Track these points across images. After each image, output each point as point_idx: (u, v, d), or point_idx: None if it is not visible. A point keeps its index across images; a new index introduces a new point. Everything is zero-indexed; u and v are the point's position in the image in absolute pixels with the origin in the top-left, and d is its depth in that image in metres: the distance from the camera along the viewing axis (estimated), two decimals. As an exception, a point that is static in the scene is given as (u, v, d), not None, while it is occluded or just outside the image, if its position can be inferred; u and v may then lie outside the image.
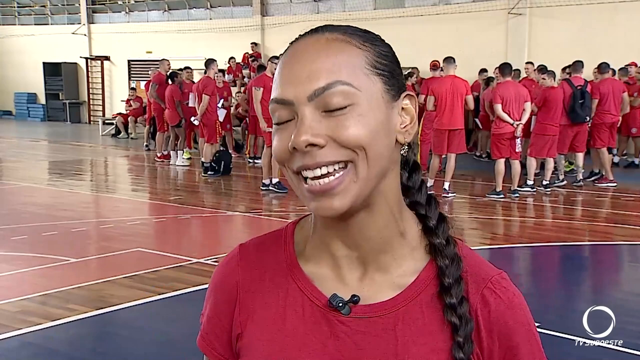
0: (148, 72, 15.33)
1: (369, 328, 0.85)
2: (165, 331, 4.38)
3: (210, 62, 11.10)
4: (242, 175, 11.53)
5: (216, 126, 11.11)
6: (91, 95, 23.18)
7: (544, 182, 9.51)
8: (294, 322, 0.88)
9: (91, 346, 4.21)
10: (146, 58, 20.84)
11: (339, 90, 0.78)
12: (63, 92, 23.23)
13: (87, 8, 22.99)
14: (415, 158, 0.92)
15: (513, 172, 9.05)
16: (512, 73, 9.72)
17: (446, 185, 9.15)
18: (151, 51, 20.72)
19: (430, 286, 0.87)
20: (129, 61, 22.41)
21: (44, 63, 23.06)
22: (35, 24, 24.31)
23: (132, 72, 22.48)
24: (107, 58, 22.85)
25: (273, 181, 9.38)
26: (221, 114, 11.95)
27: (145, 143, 15.12)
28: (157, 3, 21.83)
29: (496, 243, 6.93)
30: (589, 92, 9.65)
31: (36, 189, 10.04)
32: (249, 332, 0.91)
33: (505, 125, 8.80)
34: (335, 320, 0.86)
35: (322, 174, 0.79)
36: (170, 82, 12.29)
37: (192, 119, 11.27)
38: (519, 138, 8.90)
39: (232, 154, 12.31)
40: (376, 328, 0.85)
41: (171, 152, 12.78)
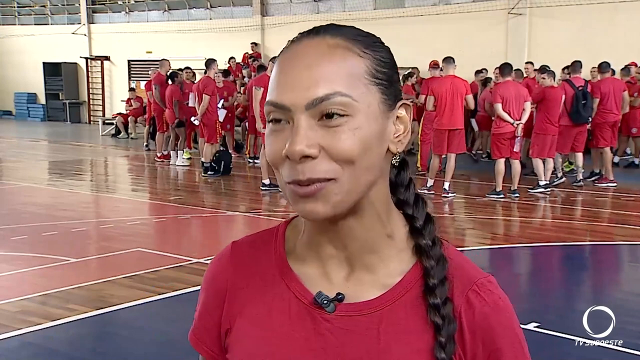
0: (148, 72, 15.33)
1: (353, 326, 0.86)
2: (165, 331, 4.38)
3: (210, 63, 11.11)
4: (242, 175, 11.53)
5: (216, 126, 11.12)
6: (91, 95, 23.18)
7: (542, 183, 9.49)
8: (280, 319, 0.89)
9: (91, 346, 4.21)
10: (146, 58, 20.84)
11: (338, 101, 0.78)
12: (63, 92, 23.23)
13: (87, 8, 22.99)
14: (404, 156, 0.92)
15: (513, 172, 9.04)
16: (512, 73, 9.72)
17: (446, 185, 9.15)
18: (151, 51, 20.72)
19: (415, 287, 0.87)
20: (129, 61, 22.41)
21: (44, 63, 23.06)
22: (35, 24, 24.31)
23: (132, 72, 22.48)
24: (107, 58, 22.85)
25: (273, 181, 9.39)
26: (221, 114, 11.95)
27: (145, 143, 15.12)
28: (157, 3, 21.83)
29: (496, 243, 6.93)
30: (590, 93, 9.66)
31: (36, 189, 10.05)
32: (237, 328, 0.92)
33: (505, 124, 8.80)
34: (319, 317, 0.87)
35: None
36: (170, 83, 12.29)
37: (192, 119, 11.27)
38: (519, 138, 8.91)
39: (232, 154, 12.31)
40: (359, 326, 0.86)
41: (171, 152, 12.78)
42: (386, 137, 0.84)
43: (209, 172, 10.96)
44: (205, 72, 11.26)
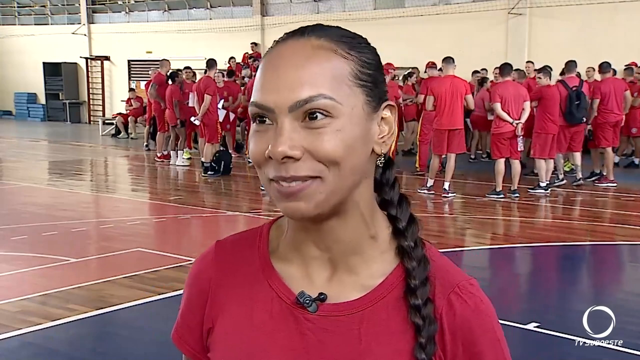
0: (148, 72, 15.34)
1: (334, 326, 0.86)
2: (165, 331, 4.34)
3: (213, 64, 11.14)
4: (242, 175, 11.52)
5: (217, 126, 11.12)
6: (91, 95, 23.18)
7: (542, 184, 9.49)
8: (262, 318, 0.89)
9: (91, 346, 4.21)
10: (146, 58, 20.85)
11: (322, 103, 0.78)
12: (63, 92, 23.23)
13: (87, 8, 23.00)
14: (390, 156, 0.92)
15: (513, 172, 9.04)
16: (512, 73, 9.72)
17: (446, 185, 9.15)
18: (151, 51, 20.73)
19: (397, 288, 0.87)
20: (129, 61, 22.42)
21: (44, 63, 23.06)
22: (35, 24, 24.32)
23: (132, 72, 22.49)
24: (107, 58, 22.86)
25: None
26: (221, 114, 11.95)
27: (145, 143, 15.12)
28: (157, 3, 21.84)
29: (496, 243, 6.93)
30: (584, 93, 9.63)
31: (36, 189, 10.05)
32: (219, 327, 0.93)
33: (504, 124, 8.80)
34: (302, 317, 0.87)
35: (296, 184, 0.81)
36: (170, 82, 12.29)
37: (192, 119, 11.27)
38: (521, 137, 8.90)
39: (232, 154, 12.31)
40: (341, 327, 0.86)
41: (171, 152, 12.78)
42: (371, 138, 0.84)
43: (209, 172, 10.96)
44: (205, 72, 11.26)
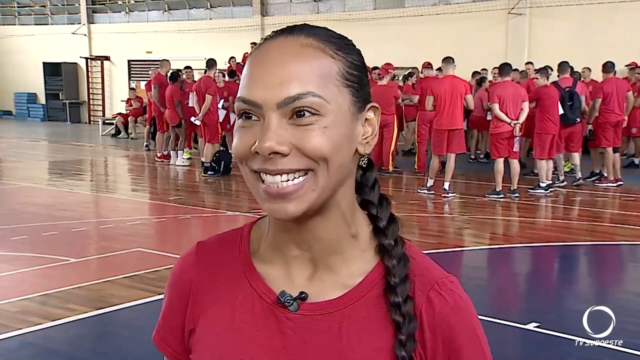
0: (148, 72, 15.33)
1: (315, 325, 0.87)
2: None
3: (212, 63, 11.14)
4: (242, 175, 11.51)
5: (217, 126, 11.11)
6: (91, 95, 23.18)
7: (543, 184, 9.49)
8: (244, 318, 0.90)
9: (91, 346, 4.21)
10: (146, 58, 20.85)
11: (309, 101, 0.79)
12: (63, 92, 23.24)
13: (87, 8, 23.00)
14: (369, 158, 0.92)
15: (512, 172, 9.05)
16: (512, 73, 9.72)
17: (446, 185, 9.15)
18: (151, 51, 20.73)
19: (377, 286, 0.88)
20: (129, 61, 22.42)
21: (44, 63, 23.07)
22: (35, 24, 24.32)
23: (132, 72, 22.49)
24: (107, 58, 22.86)
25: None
26: (221, 114, 11.95)
27: (145, 143, 15.12)
28: (157, 3, 21.84)
29: (496, 243, 6.93)
30: (578, 93, 9.63)
31: (36, 189, 10.05)
32: (201, 328, 0.93)
33: (502, 124, 8.81)
34: (283, 316, 0.88)
35: (282, 180, 0.81)
36: (171, 83, 12.29)
37: (193, 119, 11.27)
38: (518, 137, 8.92)
39: (233, 154, 12.29)
40: (322, 325, 0.87)
41: (171, 152, 12.78)
42: (355, 138, 0.85)
43: (209, 172, 10.96)
44: (205, 72, 11.26)
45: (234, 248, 0.95)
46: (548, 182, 9.47)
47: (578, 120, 9.66)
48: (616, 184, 10.01)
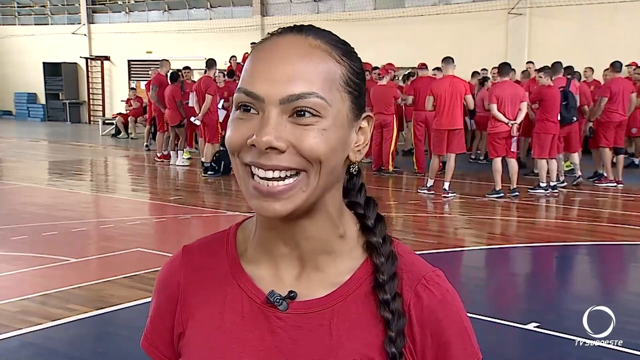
0: (148, 72, 15.34)
1: (305, 323, 0.87)
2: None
3: (212, 63, 11.13)
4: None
5: (217, 126, 11.11)
6: (91, 95, 23.18)
7: (543, 184, 9.48)
8: (233, 319, 0.90)
9: (91, 346, 4.21)
10: (146, 58, 20.85)
11: (312, 101, 0.80)
12: (63, 92, 23.23)
13: (87, 8, 23.00)
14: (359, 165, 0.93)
15: (510, 171, 9.05)
16: (511, 73, 9.72)
17: (446, 185, 9.15)
18: (151, 51, 20.73)
19: (365, 283, 0.89)
20: (129, 61, 22.42)
21: (44, 63, 23.06)
22: (35, 24, 24.32)
23: (132, 72, 22.49)
24: (107, 58, 22.86)
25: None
26: (221, 114, 11.94)
27: (145, 143, 15.12)
28: (157, 3, 21.84)
29: (496, 243, 6.93)
30: (572, 92, 9.63)
31: (36, 189, 10.04)
32: (190, 331, 0.93)
33: (500, 124, 8.82)
34: (272, 316, 0.88)
35: (273, 177, 0.81)
36: (171, 83, 12.28)
37: (193, 119, 11.27)
38: (515, 137, 8.93)
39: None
40: (312, 323, 0.87)
41: (171, 152, 12.77)
42: (348, 145, 0.86)
43: (209, 172, 10.96)
44: (205, 72, 11.26)
45: (221, 250, 0.95)
46: (553, 183, 9.45)
47: (574, 119, 9.67)
48: (616, 184, 10.01)
